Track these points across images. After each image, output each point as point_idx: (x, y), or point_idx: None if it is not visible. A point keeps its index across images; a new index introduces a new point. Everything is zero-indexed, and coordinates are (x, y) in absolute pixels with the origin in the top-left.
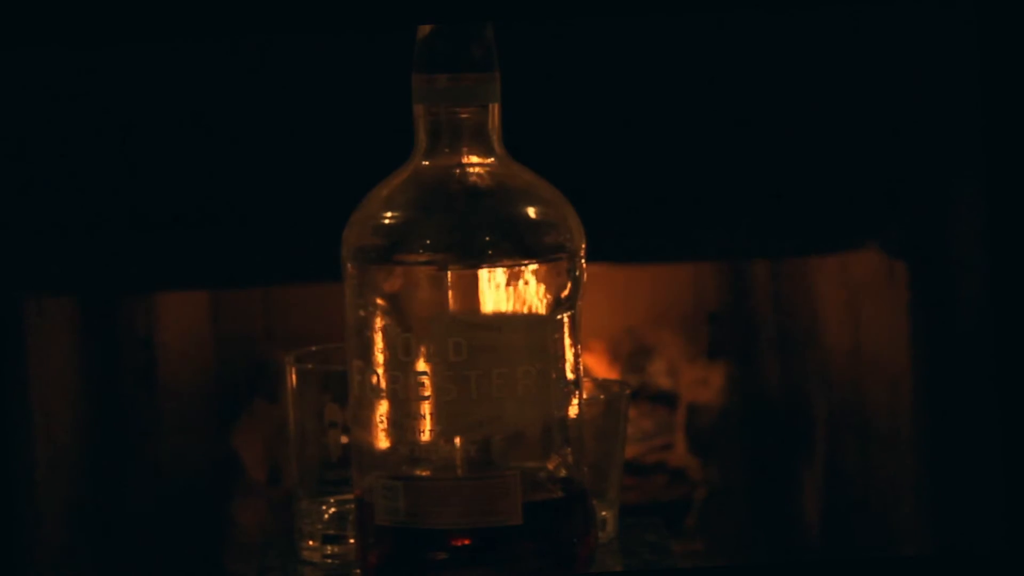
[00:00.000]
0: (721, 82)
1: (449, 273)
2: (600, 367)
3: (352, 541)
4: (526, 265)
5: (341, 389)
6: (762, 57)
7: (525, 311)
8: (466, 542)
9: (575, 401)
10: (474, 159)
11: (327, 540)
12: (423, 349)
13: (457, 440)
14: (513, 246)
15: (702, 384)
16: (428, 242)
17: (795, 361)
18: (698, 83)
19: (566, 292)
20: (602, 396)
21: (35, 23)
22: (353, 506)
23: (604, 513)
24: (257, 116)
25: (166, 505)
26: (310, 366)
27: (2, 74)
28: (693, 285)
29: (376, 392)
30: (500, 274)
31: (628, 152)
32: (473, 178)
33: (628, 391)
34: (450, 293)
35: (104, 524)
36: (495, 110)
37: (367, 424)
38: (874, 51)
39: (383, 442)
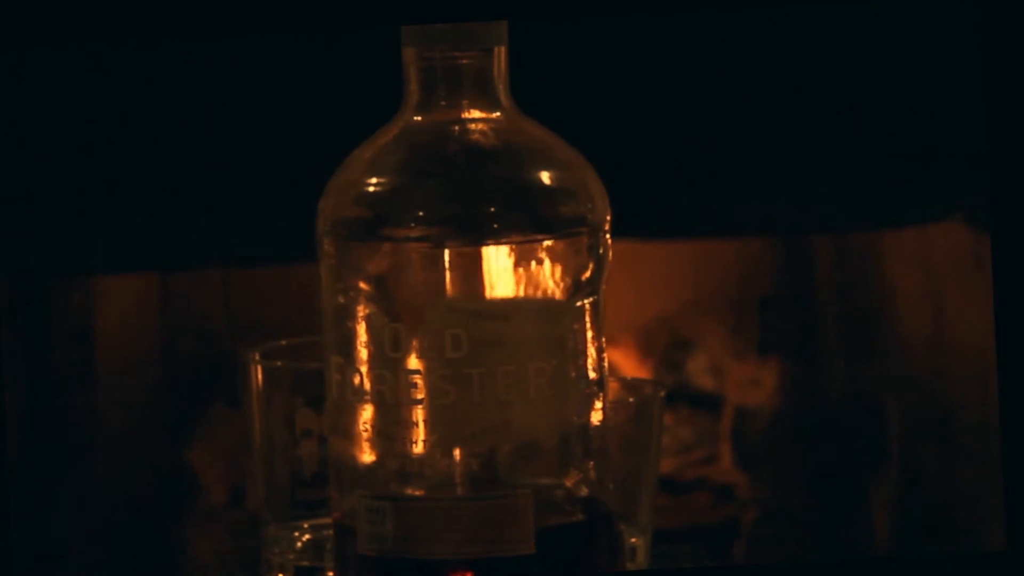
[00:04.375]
0: (776, 27)
1: (446, 251)
2: (629, 364)
3: (330, 574)
4: (539, 241)
5: (317, 391)
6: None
7: (538, 297)
8: (468, 575)
9: (599, 405)
10: (476, 113)
11: (300, 573)
12: (415, 343)
13: (456, 452)
14: (523, 218)
15: (752, 384)
16: (421, 214)
17: (864, 356)
18: (748, 28)
19: (587, 274)
20: (631, 399)
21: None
22: (331, 532)
23: (634, 540)
24: (216, 64)
25: (104, 531)
26: (279, 363)
27: None
28: (741, 265)
29: (359, 394)
30: (508, 252)
31: (662, 106)
32: (475, 136)
33: (663, 393)
34: (448, 275)
35: (29, 554)
36: (502, 55)
37: (348, 433)
38: None
39: (367, 455)
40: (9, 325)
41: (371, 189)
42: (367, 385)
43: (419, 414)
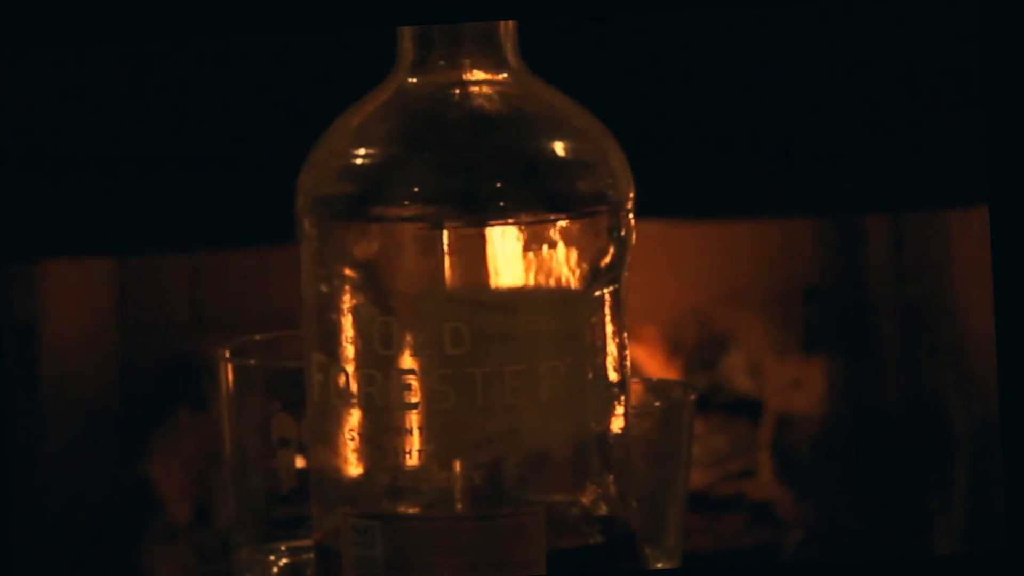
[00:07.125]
0: None
1: (445, 232)
2: (655, 363)
3: None
4: (552, 221)
5: (296, 394)
6: None
7: (551, 285)
8: None
9: (620, 410)
10: (480, 75)
11: None
12: (410, 338)
13: (456, 464)
14: (534, 195)
15: (795, 387)
16: (416, 190)
17: (925, 354)
18: None
19: (607, 259)
20: (658, 403)
21: None
22: (312, 555)
23: (660, 564)
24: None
25: (52, 553)
26: (252, 362)
27: None
28: (784, 250)
29: (344, 398)
30: (515, 234)
31: (692, 67)
32: (479, 101)
33: (694, 396)
34: (447, 260)
35: None
36: None
37: (332, 442)
38: None
39: (354, 467)
40: None
41: (358, 162)
42: (354, 387)
43: (414, 420)
